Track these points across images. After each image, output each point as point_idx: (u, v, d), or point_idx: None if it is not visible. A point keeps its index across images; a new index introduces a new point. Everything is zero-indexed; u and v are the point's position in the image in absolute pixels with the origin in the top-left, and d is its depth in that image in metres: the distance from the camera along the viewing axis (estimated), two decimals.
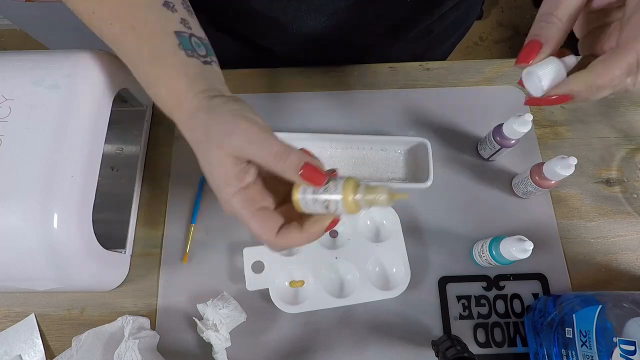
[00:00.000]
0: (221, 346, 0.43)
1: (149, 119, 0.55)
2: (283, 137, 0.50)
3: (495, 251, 0.44)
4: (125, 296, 0.48)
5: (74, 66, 0.42)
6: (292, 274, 0.48)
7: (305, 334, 0.46)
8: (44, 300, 0.48)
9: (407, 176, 0.52)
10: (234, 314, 0.44)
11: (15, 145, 0.38)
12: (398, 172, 0.53)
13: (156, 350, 0.45)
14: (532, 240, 0.49)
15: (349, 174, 0.47)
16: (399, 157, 0.53)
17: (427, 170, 0.50)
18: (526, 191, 0.49)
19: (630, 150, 0.54)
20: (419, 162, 0.52)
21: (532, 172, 0.47)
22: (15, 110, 0.39)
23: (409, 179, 0.52)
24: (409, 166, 0.53)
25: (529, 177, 0.47)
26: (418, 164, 0.52)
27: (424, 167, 0.50)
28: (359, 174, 0.52)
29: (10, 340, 0.46)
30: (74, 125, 0.39)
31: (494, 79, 0.59)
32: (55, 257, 0.38)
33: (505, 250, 0.42)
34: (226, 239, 0.49)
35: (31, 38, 1.26)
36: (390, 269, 0.48)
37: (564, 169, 0.43)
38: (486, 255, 0.45)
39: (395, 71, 0.59)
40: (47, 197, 0.36)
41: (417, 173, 0.52)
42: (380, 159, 0.53)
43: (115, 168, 0.53)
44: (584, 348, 0.37)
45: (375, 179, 0.52)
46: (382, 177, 0.52)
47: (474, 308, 0.47)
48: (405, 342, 0.46)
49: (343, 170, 0.52)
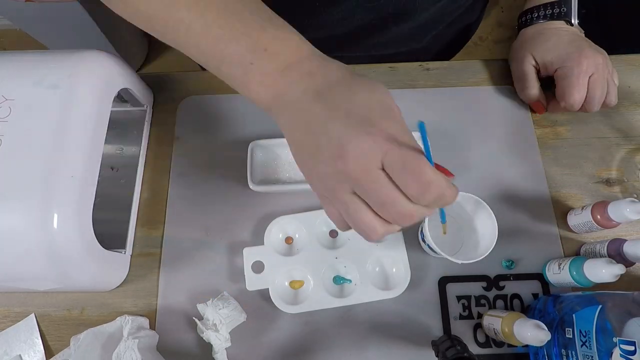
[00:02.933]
0: (221, 346, 0.43)
1: (149, 119, 0.55)
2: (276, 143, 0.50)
3: (576, 272, 0.43)
4: (125, 296, 0.48)
5: (74, 66, 0.42)
6: (292, 274, 0.48)
7: (305, 334, 0.46)
8: (44, 300, 0.48)
9: None
10: (233, 314, 0.44)
11: (15, 145, 0.38)
12: None
13: (156, 349, 0.45)
14: (532, 240, 0.50)
15: None
16: None
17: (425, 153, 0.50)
18: (585, 229, 0.48)
19: (630, 150, 0.54)
20: None
21: (594, 210, 0.46)
22: (15, 110, 0.39)
23: None
24: None
25: (591, 220, 0.46)
26: None
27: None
28: None
29: (10, 340, 0.46)
30: (74, 125, 0.39)
31: (494, 79, 0.59)
32: (55, 257, 0.38)
33: (592, 271, 0.41)
34: (226, 239, 0.49)
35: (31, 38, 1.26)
36: (390, 269, 0.48)
37: (634, 214, 0.42)
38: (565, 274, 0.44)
39: (395, 71, 0.59)
40: (47, 197, 0.36)
41: None
42: None
43: (115, 168, 0.53)
44: (584, 348, 0.37)
45: None
46: None
47: (474, 308, 0.47)
48: (405, 342, 0.46)
49: None
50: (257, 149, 0.51)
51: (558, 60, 0.51)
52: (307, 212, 0.50)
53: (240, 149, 0.54)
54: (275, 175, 0.52)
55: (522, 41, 0.55)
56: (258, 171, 0.51)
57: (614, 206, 0.44)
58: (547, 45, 0.52)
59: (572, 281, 0.43)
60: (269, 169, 0.52)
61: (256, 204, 0.51)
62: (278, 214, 0.50)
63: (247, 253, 0.47)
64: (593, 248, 0.47)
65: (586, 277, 0.42)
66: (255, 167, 0.50)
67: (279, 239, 0.49)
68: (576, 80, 0.49)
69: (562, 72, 0.50)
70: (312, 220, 0.49)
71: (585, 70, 0.49)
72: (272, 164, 0.52)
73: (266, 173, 0.52)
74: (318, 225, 0.49)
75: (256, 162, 0.51)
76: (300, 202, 0.51)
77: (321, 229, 0.49)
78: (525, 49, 0.54)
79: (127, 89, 0.49)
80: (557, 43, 0.51)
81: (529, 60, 0.53)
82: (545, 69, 0.53)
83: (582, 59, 0.49)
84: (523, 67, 0.54)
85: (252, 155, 0.50)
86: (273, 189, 0.50)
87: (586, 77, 0.49)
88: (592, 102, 0.50)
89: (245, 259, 0.47)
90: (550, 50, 0.51)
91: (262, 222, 0.50)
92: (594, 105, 0.50)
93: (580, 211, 0.48)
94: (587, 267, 0.41)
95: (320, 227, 0.49)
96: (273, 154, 0.52)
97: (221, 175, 0.52)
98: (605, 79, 0.50)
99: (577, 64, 0.49)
